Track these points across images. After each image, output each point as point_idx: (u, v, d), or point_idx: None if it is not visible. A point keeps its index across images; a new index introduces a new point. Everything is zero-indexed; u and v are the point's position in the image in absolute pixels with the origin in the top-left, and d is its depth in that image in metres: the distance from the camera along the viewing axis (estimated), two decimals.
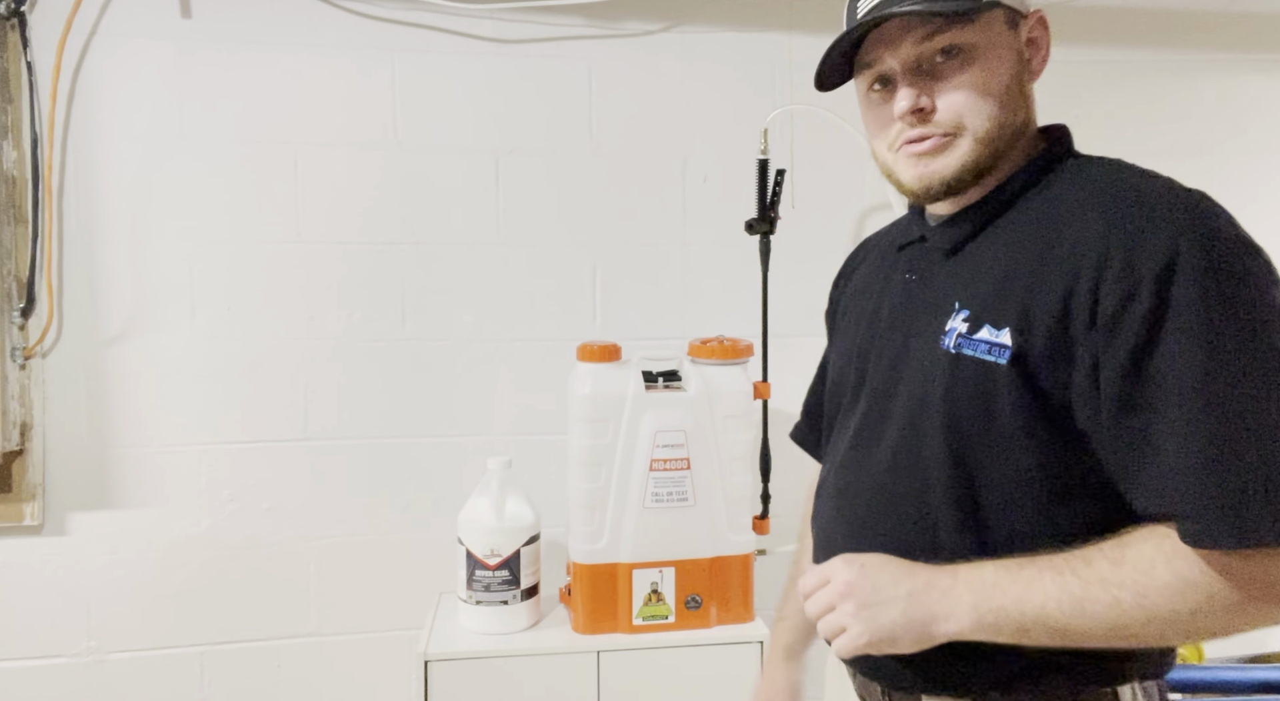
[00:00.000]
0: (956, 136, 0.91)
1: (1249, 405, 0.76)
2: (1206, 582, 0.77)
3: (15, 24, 1.82)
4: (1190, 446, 0.76)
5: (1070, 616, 0.80)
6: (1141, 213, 0.81)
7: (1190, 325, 0.77)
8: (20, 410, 1.86)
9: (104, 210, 1.91)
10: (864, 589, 0.87)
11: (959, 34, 0.89)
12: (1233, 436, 0.76)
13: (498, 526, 1.76)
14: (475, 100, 2.03)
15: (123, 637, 1.93)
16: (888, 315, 1.01)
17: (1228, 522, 0.75)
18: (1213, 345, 0.76)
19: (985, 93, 0.90)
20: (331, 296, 2.00)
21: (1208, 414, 0.76)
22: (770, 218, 1.97)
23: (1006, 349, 0.85)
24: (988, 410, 0.87)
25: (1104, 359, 0.80)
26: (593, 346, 1.80)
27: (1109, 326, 0.79)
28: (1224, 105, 2.24)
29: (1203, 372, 0.76)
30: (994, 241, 0.92)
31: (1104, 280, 0.80)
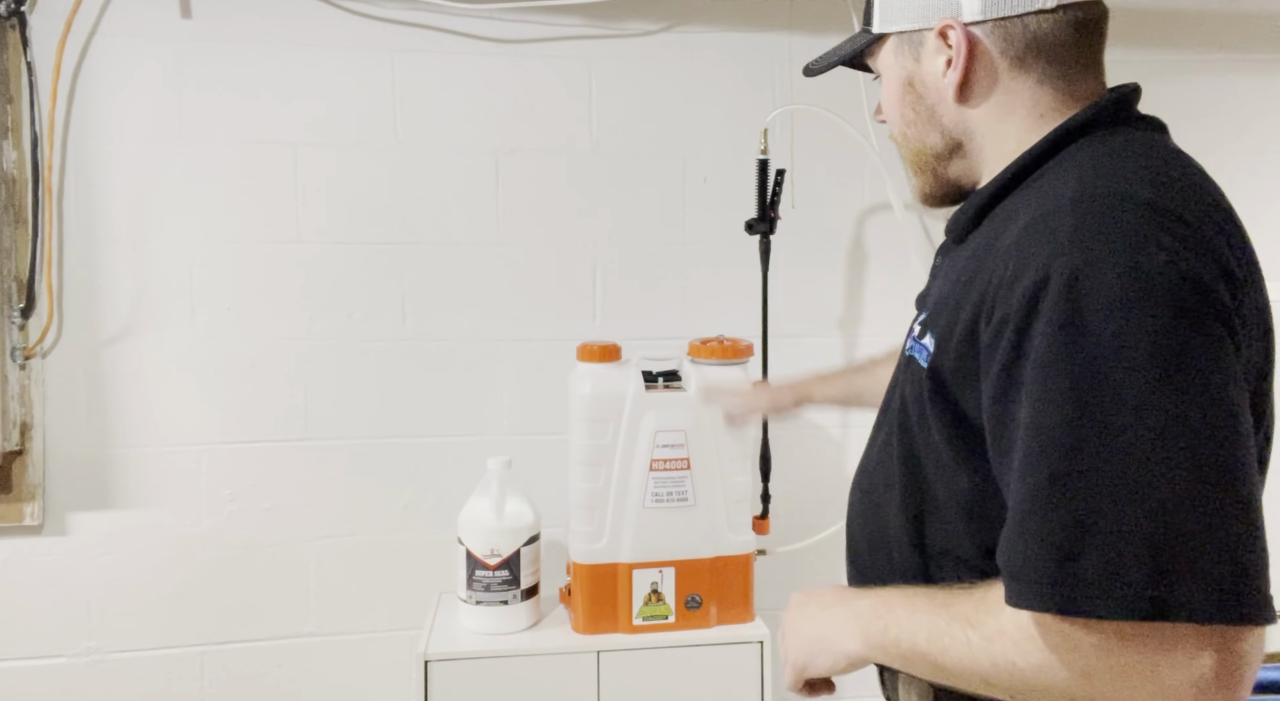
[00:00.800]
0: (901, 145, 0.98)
1: (1074, 459, 0.67)
2: (1040, 642, 0.70)
3: (15, 24, 1.82)
4: (1015, 498, 0.71)
5: (933, 652, 0.77)
6: (1039, 227, 0.74)
7: (1038, 363, 0.70)
8: (20, 410, 1.86)
9: (104, 210, 1.91)
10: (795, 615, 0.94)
11: (874, 62, 0.99)
12: (1047, 493, 0.68)
13: (498, 526, 1.76)
14: (475, 100, 2.03)
15: (123, 637, 1.93)
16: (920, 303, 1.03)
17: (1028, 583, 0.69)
18: (1047, 391, 0.69)
19: (892, 108, 0.97)
20: (331, 296, 2.00)
21: (1032, 465, 0.69)
22: (770, 218, 1.97)
23: (930, 354, 0.84)
24: (919, 410, 0.86)
25: (984, 383, 0.76)
26: (593, 346, 1.80)
27: (988, 353, 0.75)
28: (1224, 105, 2.24)
29: (1037, 420, 0.69)
30: (971, 242, 0.91)
31: (996, 301, 0.75)
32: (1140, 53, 2.22)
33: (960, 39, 0.87)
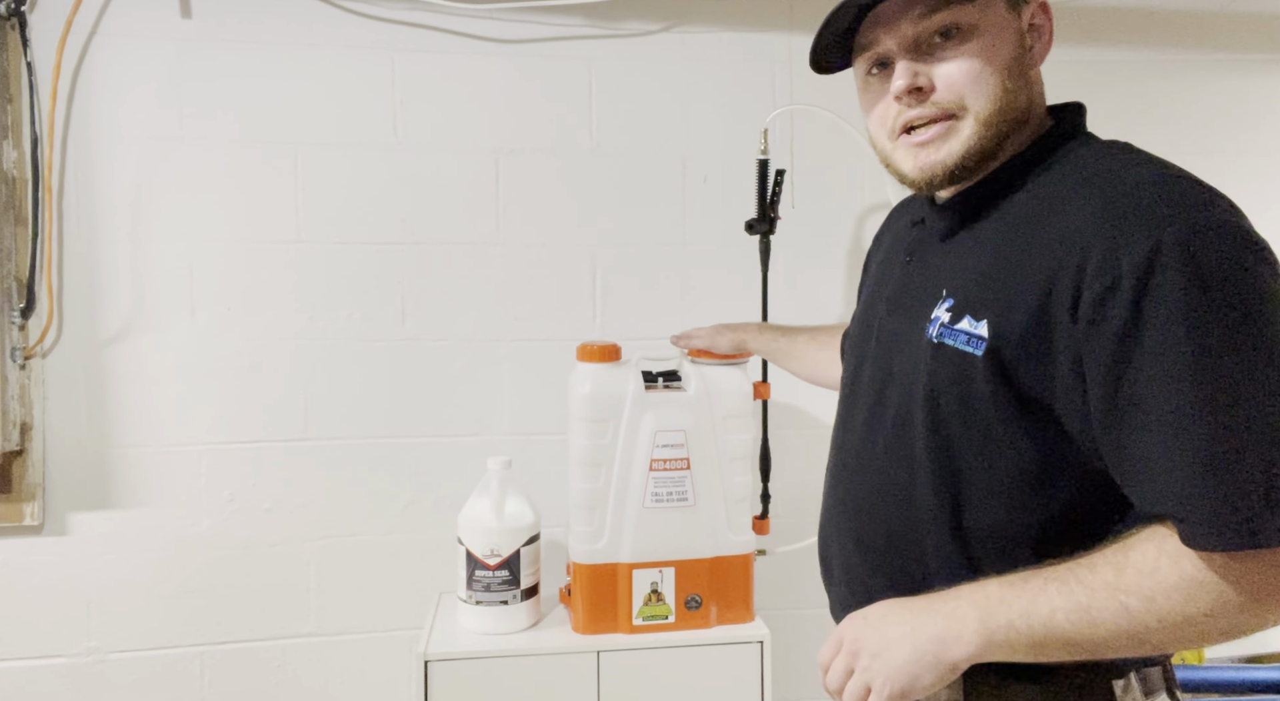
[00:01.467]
0: (958, 119, 0.89)
1: (1241, 403, 0.73)
2: (1213, 583, 0.74)
3: (15, 24, 1.82)
4: (1184, 448, 0.74)
5: (1080, 626, 0.77)
6: (1127, 203, 0.78)
7: (1172, 320, 0.74)
8: (20, 410, 1.86)
9: (104, 210, 1.91)
10: (870, 639, 0.85)
11: (958, 13, 0.88)
12: (1226, 436, 0.73)
13: (498, 526, 1.76)
14: (475, 100, 2.03)
15: (123, 637, 1.93)
16: (888, 298, 1.02)
17: (1227, 525, 0.72)
18: (1199, 342, 0.73)
19: (986, 72, 0.88)
20: (331, 296, 2.00)
21: (1199, 414, 0.73)
22: (770, 218, 1.97)
23: (983, 340, 0.83)
24: (965, 401, 0.86)
25: (1087, 356, 0.78)
26: (593, 346, 1.80)
27: (1091, 320, 0.77)
28: (1224, 105, 2.24)
29: (1191, 371, 0.73)
30: (987, 228, 0.91)
31: (1085, 274, 0.77)
32: (1140, 53, 2.22)
33: (1051, 19, 0.91)
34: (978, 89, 0.88)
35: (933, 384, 0.88)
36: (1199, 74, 2.24)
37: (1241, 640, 2.22)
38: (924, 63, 0.89)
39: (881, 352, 0.99)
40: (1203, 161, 2.50)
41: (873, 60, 0.93)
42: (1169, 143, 2.29)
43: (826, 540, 1.06)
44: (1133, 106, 2.22)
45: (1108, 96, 2.22)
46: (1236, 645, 2.06)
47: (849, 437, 1.03)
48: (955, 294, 0.88)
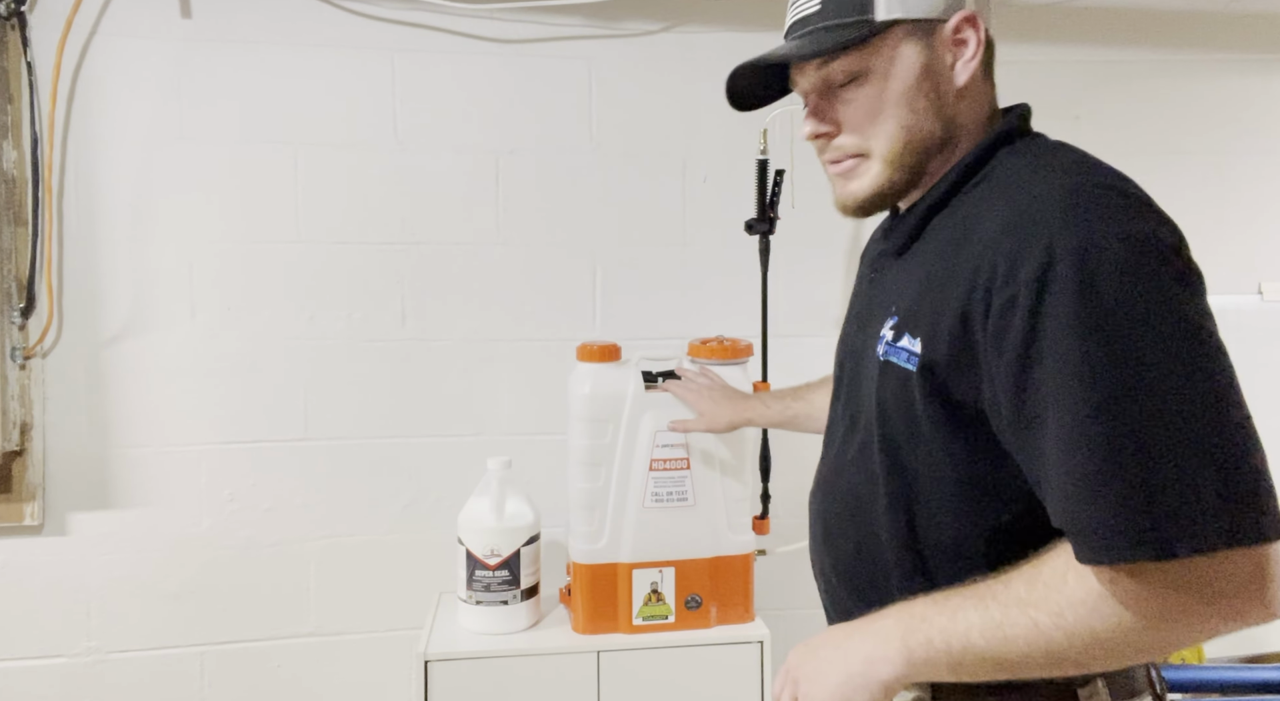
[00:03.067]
0: (866, 158, 0.93)
1: (1125, 416, 0.71)
2: (1111, 599, 0.73)
3: (15, 24, 1.82)
4: (1069, 462, 0.73)
5: (994, 643, 0.76)
6: (1031, 214, 0.78)
7: (1062, 331, 0.73)
8: (20, 410, 1.86)
9: (104, 210, 1.91)
10: (808, 666, 0.87)
11: (853, 61, 0.90)
12: (1109, 450, 0.71)
13: (498, 526, 1.76)
14: (475, 100, 2.03)
15: (123, 637, 1.93)
16: (858, 315, 1.04)
17: (1112, 538, 0.71)
18: (1086, 355, 0.72)
19: (883, 113, 0.91)
20: (331, 296, 2.00)
21: (1083, 428, 0.72)
22: (770, 218, 1.97)
23: (915, 356, 0.85)
24: (908, 417, 0.87)
25: (994, 371, 0.79)
26: (593, 346, 1.80)
27: (996, 335, 0.78)
28: (1224, 105, 2.24)
29: (1077, 384, 0.72)
30: (929, 243, 0.92)
31: (993, 287, 0.78)
32: (1140, 53, 2.22)
33: (979, 30, 0.91)
34: (876, 130, 0.91)
35: (880, 401, 0.90)
36: (1199, 74, 2.24)
37: (1242, 640, 2.20)
38: (831, 106, 0.94)
39: (853, 369, 1.01)
40: (1203, 161, 2.52)
41: (803, 97, 0.98)
42: (1169, 143, 2.31)
43: (813, 555, 1.07)
44: (1133, 106, 2.22)
45: (1108, 96, 2.22)
46: (1237, 645, 2.06)
47: (828, 453, 1.05)
48: (899, 311, 0.90)
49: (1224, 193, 2.23)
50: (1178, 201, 2.56)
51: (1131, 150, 2.25)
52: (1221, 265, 2.21)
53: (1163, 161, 2.22)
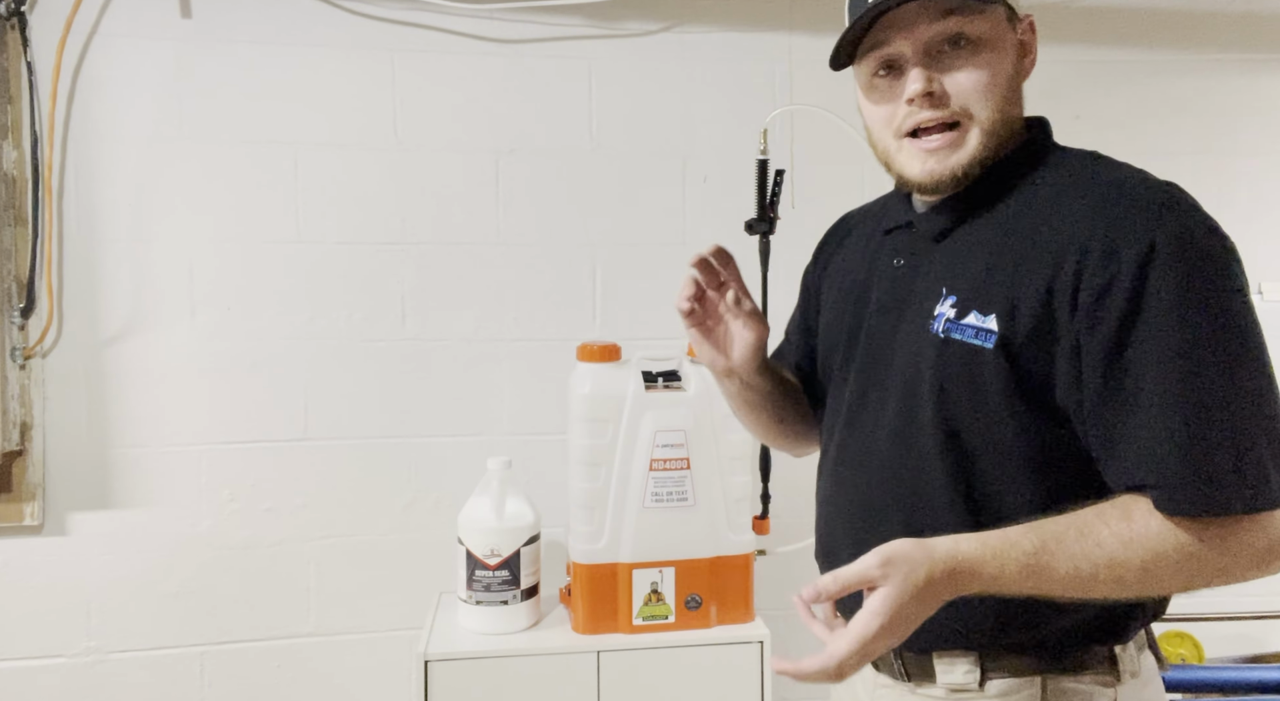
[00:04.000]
0: (963, 127, 0.93)
1: (1220, 384, 0.81)
2: (1183, 543, 0.81)
3: (15, 24, 1.82)
4: (1167, 422, 0.81)
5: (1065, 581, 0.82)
6: (1121, 204, 0.86)
7: (1166, 310, 0.81)
8: (20, 410, 1.86)
9: (104, 210, 1.91)
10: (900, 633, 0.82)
11: (969, 23, 0.91)
12: (1206, 413, 0.80)
13: (498, 526, 1.76)
14: (475, 100, 2.03)
15: (123, 637, 1.93)
16: (877, 299, 1.04)
17: (1200, 493, 0.80)
18: (1187, 329, 0.81)
19: (992, 82, 0.93)
20: (331, 296, 2.00)
21: (1184, 392, 0.81)
22: (770, 218, 1.96)
23: (993, 334, 0.89)
24: (974, 390, 0.91)
25: (1086, 342, 0.85)
26: (593, 346, 1.80)
27: (1090, 311, 0.84)
28: (1225, 105, 2.24)
29: (1177, 355, 0.81)
30: (981, 228, 0.95)
31: (1085, 268, 0.84)
32: (1141, 53, 2.22)
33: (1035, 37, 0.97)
34: (984, 99, 0.92)
35: (941, 376, 0.92)
36: (1199, 74, 2.24)
37: (1242, 640, 2.20)
38: (936, 70, 0.93)
39: (874, 353, 1.02)
40: (1203, 161, 2.51)
41: (881, 61, 0.95)
42: (1169, 142, 2.31)
43: (833, 542, 1.05)
44: (1133, 106, 2.22)
45: (1108, 96, 2.22)
46: (1236, 645, 2.07)
47: (851, 437, 1.04)
48: (957, 291, 0.93)
49: (1224, 193, 2.23)
50: None
51: (1131, 150, 2.24)
52: None
53: (1162, 161, 2.21)
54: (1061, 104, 2.21)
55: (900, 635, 0.82)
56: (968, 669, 0.94)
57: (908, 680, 0.99)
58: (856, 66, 0.99)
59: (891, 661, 0.99)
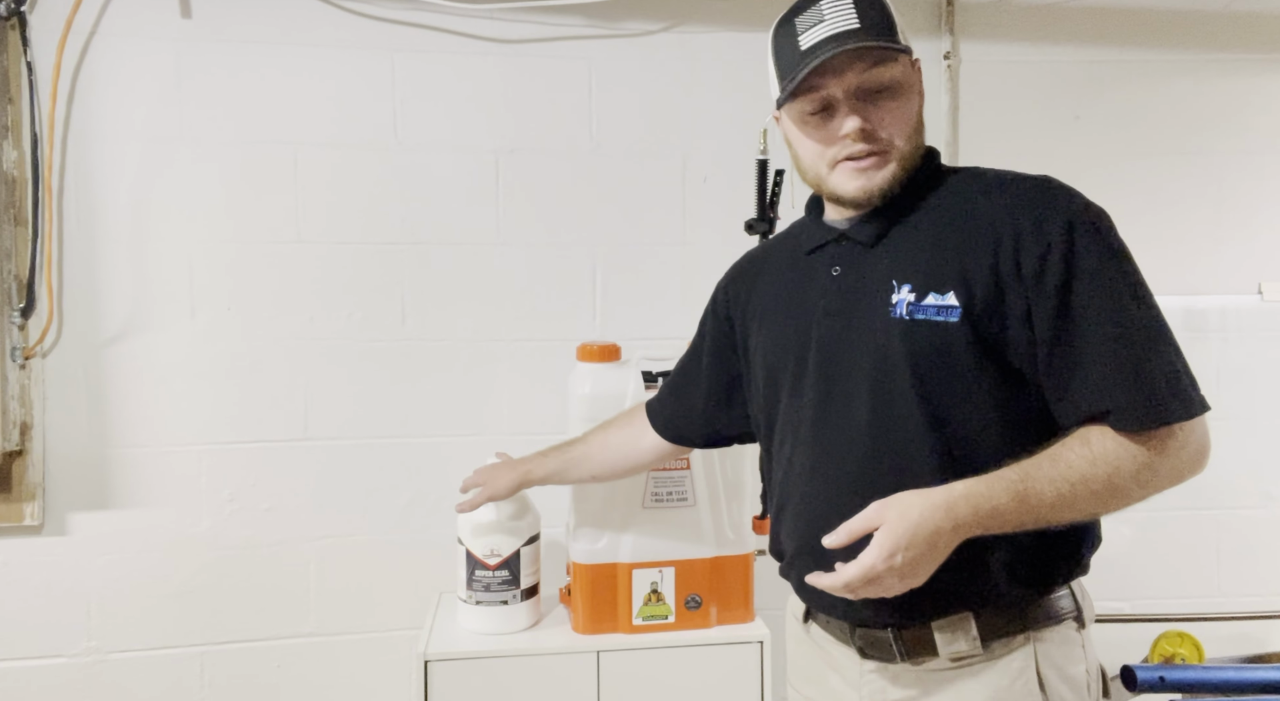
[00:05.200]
0: (888, 155, 1.09)
1: (1143, 319, 1.00)
2: (1135, 453, 0.97)
3: (15, 24, 1.82)
4: (1114, 356, 0.98)
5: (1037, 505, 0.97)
6: (1034, 192, 1.05)
7: (1095, 267, 1.00)
8: (20, 410, 1.86)
9: (104, 210, 1.91)
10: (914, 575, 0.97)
11: (889, 71, 1.08)
12: (1140, 345, 0.99)
13: (498, 526, 1.76)
14: (475, 100, 2.03)
15: (123, 637, 1.93)
16: (823, 307, 1.14)
17: (1147, 410, 0.97)
18: (1113, 279, 1.00)
19: (907, 120, 1.10)
20: (331, 296, 2.00)
21: (1120, 331, 0.99)
22: (770, 218, 1.96)
23: (955, 308, 1.03)
24: (946, 361, 1.04)
25: (1035, 301, 1.01)
26: (592, 346, 1.80)
27: (1034, 276, 1.01)
28: (1224, 105, 2.24)
29: (1110, 301, 0.99)
30: (912, 230, 1.11)
31: (1022, 244, 1.02)
32: (1141, 53, 2.22)
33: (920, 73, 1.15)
34: (903, 133, 1.10)
35: (913, 352, 1.05)
36: (1199, 74, 2.24)
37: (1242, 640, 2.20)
38: (864, 109, 1.09)
39: (830, 356, 1.12)
40: (1203, 161, 2.51)
41: (816, 101, 1.10)
42: (1169, 143, 2.31)
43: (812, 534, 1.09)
44: (1133, 106, 2.22)
45: (1108, 96, 2.22)
46: (1236, 645, 2.07)
47: (821, 438, 1.12)
48: (911, 279, 1.07)
49: (1223, 192, 2.23)
50: (1178, 201, 2.55)
51: (1131, 150, 2.26)
52: (1221, 265, 2.22)
53: (1162, 161, 2.22)
54: (1061, 104, 2.22)
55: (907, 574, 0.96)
56: (971, 635, 1.05)
57: (907, 658, 1.08)
58: (790, 105, 1.14)
59: (890, 643, 1.08)
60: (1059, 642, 1.06)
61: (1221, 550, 2.23)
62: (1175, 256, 2.20)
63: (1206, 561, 2.23)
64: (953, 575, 1.00)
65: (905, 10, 1.13)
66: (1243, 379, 2.20)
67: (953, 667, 1.06)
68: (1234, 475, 2.20)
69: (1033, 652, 1.05)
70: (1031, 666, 1.05)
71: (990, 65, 2.16)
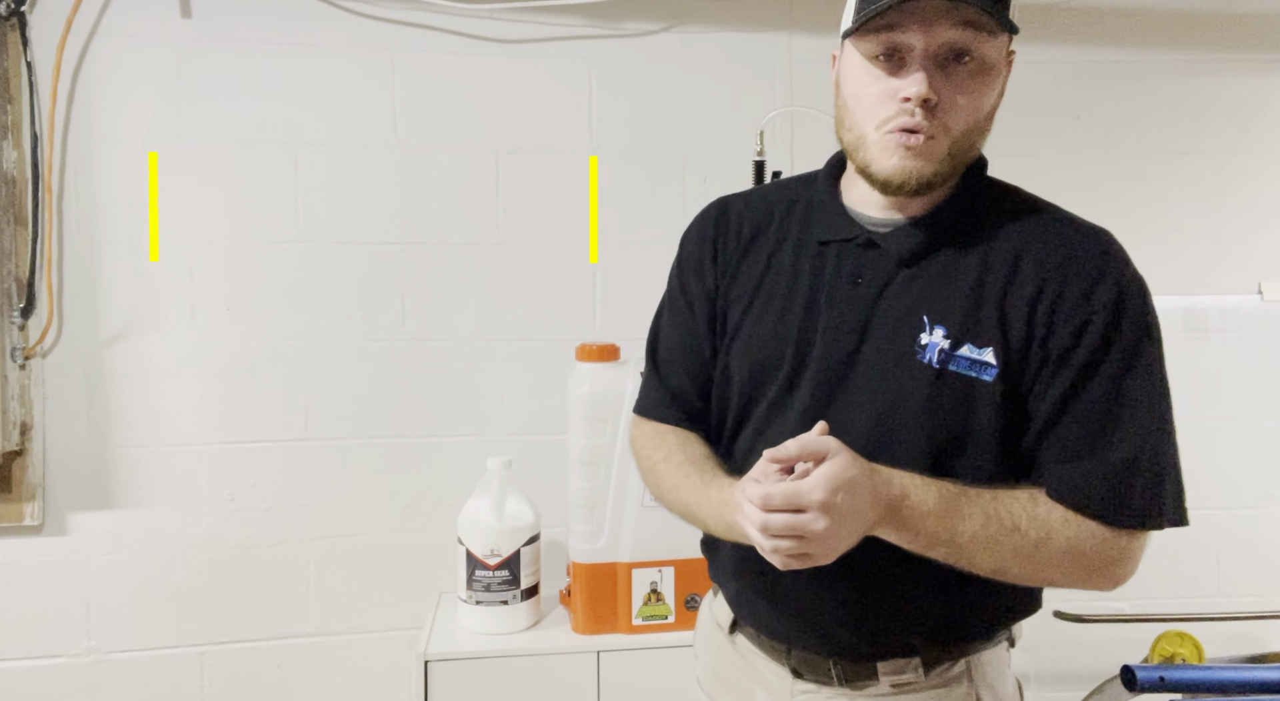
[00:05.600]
0: (942, 141, 0.94)
1: (1158, 420, 0.94)
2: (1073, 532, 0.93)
3: (15, 24, 1.82)
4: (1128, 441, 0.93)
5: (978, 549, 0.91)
6: (1085, 248, 0.96)
7: (1136, 348, 0.94)
8: (20, 410, 1.86)
9: (104, 210, 1.91)
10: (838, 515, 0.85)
11: (980, 43, 0.91)
12: (1167, 446, 0.95)
13: (498, 526, 1.76)
14: (475, 100, 2.03)
15: (123, 637, 1.93)
16: (832, 319, 1.00)
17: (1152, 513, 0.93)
18: (1148, 363, 0.94)
19: (980, 107, 0.95)
20: (331, 296, 2.00)
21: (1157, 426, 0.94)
22: None
23: (992, 367, 0.94)
24: (967, 419, 0.95)
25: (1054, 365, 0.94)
26: (592, 346, 1.80)
27: (1064, 347, 0.93)
28: (1224, 105, 2.24)
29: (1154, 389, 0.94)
30: (954, 257, 0.98)
31: (1057, 310, 0.94)
32: (1141, 53, 2.22)
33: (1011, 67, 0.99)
34: (967, 123, 0.94)
35: (935, 404, 0.95)
36: (1199, 74, 2.24)
37: (1242, 640, 2.19)
38: (937, 77, 0.92)
39: (831, 374, 0.99)
40: (1202, 161, 2.50)
41: (889, 45, 0.92)
42: (1169, 143, 2.30)
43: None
44: (1133, 106, 2.22)
45: (1108, 96, 2.22)
46: (1237, 645, 2.06)
47: None
48: (946, 322, 0.96)
49: (1223, 192, 2.23)
50: (1177, 201, 2.55)
51: (1131, 150, 2.26)
52: (1221, 265, 2.21)
53: (1163, 161, 2.22)
54: (1061, 104, 2.22)
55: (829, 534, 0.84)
56: (915, 666, 1.02)
57: (845, 684, 1.02)
58: (856, 39, 0.94)
59: (829, 668, 1.03)
60: (993, 663, 1.05)
61: (1221, 550, 2.23)
62: (1175, 256, 2.20)
63: (1206, 561, 2.22)
64: (898, 609, 0.98)
65: None
66: (1243, 379, 2.20)
67: (892, 694, 1.02)
68: (1234, 475, 2.20)
69: (970, 675, 1.03)
70: (971, 690, 1.03)
71: None
